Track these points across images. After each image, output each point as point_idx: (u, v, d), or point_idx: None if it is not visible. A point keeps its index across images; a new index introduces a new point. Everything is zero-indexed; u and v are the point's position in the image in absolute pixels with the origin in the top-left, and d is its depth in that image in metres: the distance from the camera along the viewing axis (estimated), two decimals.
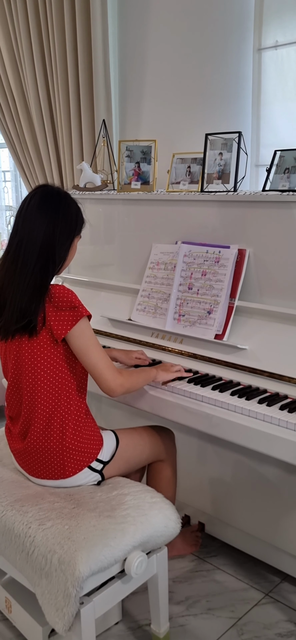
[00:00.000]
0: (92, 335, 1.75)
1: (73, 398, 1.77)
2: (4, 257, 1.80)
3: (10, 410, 1.86)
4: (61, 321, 1.69)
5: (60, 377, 1.75)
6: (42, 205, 1.75)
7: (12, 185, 4.50)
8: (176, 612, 2.01)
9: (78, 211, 1.84)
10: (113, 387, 1.76)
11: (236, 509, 2.25)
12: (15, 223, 1.79)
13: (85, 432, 1.79)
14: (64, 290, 1.72)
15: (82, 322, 1.71)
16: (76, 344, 1.72)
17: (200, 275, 2.21)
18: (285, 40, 2.46)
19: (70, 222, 1.80)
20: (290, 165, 2.10)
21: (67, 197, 1.82)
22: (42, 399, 1.74)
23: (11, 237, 1.79)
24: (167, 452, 2.04)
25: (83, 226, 1.87)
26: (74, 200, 1.84)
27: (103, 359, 1.75)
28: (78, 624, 1.50)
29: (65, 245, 1.78)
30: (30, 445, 1.77)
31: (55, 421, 1.74)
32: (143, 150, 2.61)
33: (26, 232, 1.73)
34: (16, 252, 1.74)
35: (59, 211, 1.76)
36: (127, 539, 1.58)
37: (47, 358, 1.73)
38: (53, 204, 1.77)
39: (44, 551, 1.53)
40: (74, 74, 3.13)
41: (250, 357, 1.98)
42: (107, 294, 2.59)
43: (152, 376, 1.92)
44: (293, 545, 2.07)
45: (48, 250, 1.73)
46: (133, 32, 2.99)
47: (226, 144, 2.31)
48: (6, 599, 1.85)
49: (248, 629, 1.93)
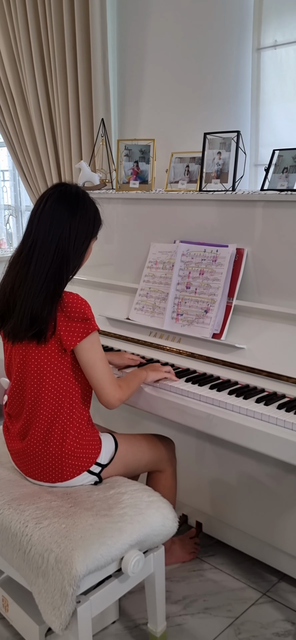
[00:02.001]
0: (100, 350, 1.72)
1: (76, 406, 1.76)
2: (16, 256, 1.75)
3: (10, 408, 1.85)
4: (71, 332, 1.66)
5: (65, 385, 1.73)
6: (58, 207, 1.69)
7: (10, 184, 4.50)
8: (173, 611, 2.00)
9: (96, 212, 1.79)
10: (112, 402, 1.75)
11: (233, 508, 2.24)
12: (29, 222, 1.73)
13: (86, 440, 1.77)
14: (78, 300, 1.68)
15: (92, 335, 1.68)
16: (84, 356, 1.69)
17: (198, 274, 2.21)
18: (284, 39, 2.46)
19: (88, 225, 1.74)
20: (288, 164, 2.10)
21: (85, 198, 1.76)
22: (45, 404, 1.72)
23: (25, 237, 1.73)
24: (167, 462, 2.03)
25: (100, 227, 1.82)
26: (93, 201, 1.78)
27: (107, 374, 1.73)
28: (75, 622, 1.50)
29: (80, 250, 1.73)
30: (29, 448, 1.76)
31: (56, 427, 1.73)
32: (141, 150, 2.61)
33: (41, 234, 1.68)
34: (29, 254, 1.69)
35: (77, 213, 1.71)
36: (124, 537, 1.58)
37: (54, 366, 1.70)
38: (70, 206, 1.70)
39: (40, 550, 1.52)
40: (72, 73, 3.13)
41: (248, 357, 1.98)
42: (105, 293, 2.59)
43: (143, 378, 1.92)
44: (290, 544, 2.07)
45: (63, 255, 1.68)
46: (132, 31, 2.99)
47: (225, 143, 2.31)
48: (3, 598, 1.85)
49: (246, 628, 1.93)
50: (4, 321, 1.75)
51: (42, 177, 3.52)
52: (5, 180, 4.58)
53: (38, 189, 3.58)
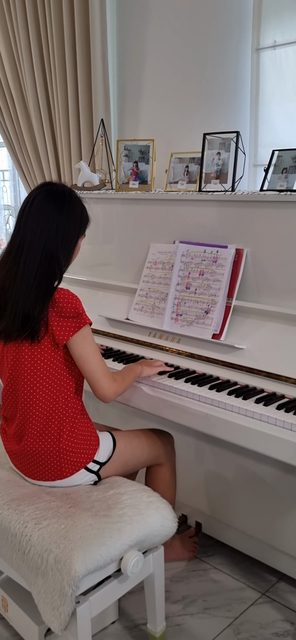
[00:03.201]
0: (93, 343, 1.74)
1: (70, 399, 1.77)
2: (5, 256, 1.75)
3: (5, 410, 1.85)
4: (63, 327, 1.67)
5: (59, 380, 1.74)
6: (45, 205, 1.71)
7: (10, 184, 4.50)
8: (172, 611, 2.01)
9: (83, 210, 1.80)
10: (108, 394, 1.76)
11: (233, 509, 2.25)
12: (17, 222, 1.74)
13: (81, 432, 1.78)
14: (69, 296, 1.69)
15: (84, 329, 1.70)
16: (77, 350, 1.71)
17: (198, 274, 2.21)
18: (284, 40, 2.46)
19: (75, 222, 1.76)
20: (287, 165, 2.10)
21: (71, 196, 1.77)
22: (40, 400, 1.73)
23: (13, 237, 1.74)
24: (166, 456, 2.03)
25: (88, 225, 1.83)
26: (79, 199, 1.80)
27: (101, 366, 1.74)
28: (74, 623, 1.50)
29: (68, 248, 1.75)
30: (26, 448, 1.76)
31: (52, 423, 1.74)
32: (141, 150, 2.61)
33: (28, 232, 1.69)
34: (18, 253, 1.70)
35: (63, 211, 1.72)
36: (124, 538, 1.58)
37: (48, 362, 1.72)
38: (57, 204, 1.72)
39: (40, 550, 1.53)
40: (72, 73, 3.13)
41: (247, 357, 1.98)
42: (104, 294, 2.59)
43: (138, 373, 1.94)
44: (289, 544, 2.07)
45: (51, 253, 1.69)
46: (132, 31, 2.99)
47: (225, 143, 2.31)
48: (2, 598, 1.85)
49: (245, 628, 1.93)
50: None
51: (41, 177, 3.52)
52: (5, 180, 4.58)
53: None
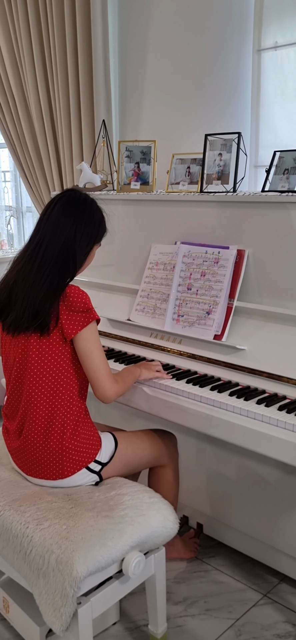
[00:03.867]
0: (98, 340, 1.76)
1: (74, 398, 1.78)
2: (22, 254, 1.82)
3: (7, 407, 1.86)
4: (72, 321, 1.70)
5: (64, 377, 1.75)
6: (67, 209, 1.78)
7: (11, 185, 4.50)
8: (174, 612, 2.00)
9: (102, 220, 1.86)
10: (108, 394, 1.78)
11: (234, 510, 2.24)
12: (38, 222, 1.81)
13: (84, 432, 1.79)
14: (79, 292, 1.74)
15: (91, 325, 1.73)
16: (82, 345, 1.73)
17: (199, 275, 2.21)
18: (285, 41, 2.46)
19: (92, 228, 1.82)
20: (289, 166, 2.10)
21: (92, 204, 1.85)
22: (45, 395, 1.74)
23: (32, 236, 1.81)
24: (169, 457, 2.04)
25: (104, 235, 1.89)
26: (100, 208, 1.87)
27: (104, 365, 1.76)
28: (75, 624, 1.50)
29: (84, 250, 1.80)
30: (27, 443, 1.76)
31: (57, 420, 1.74)
32: (142, 151, 2.61)
33: (48, 232, 1.76)
34: (35, 251, 1.76)
35: (83, 216, 1.79)
36: (125, 539, 1.58)
37: (55, 356, 1.74)
38: (78, 209, 1.79)
39: (41, 551, 1.53)
40: (74, 74, 3.13)
41: (248, 358, 1.98)
42: (106, 294, 2.59)
43: (137, 375, 1.95)
44: (291, 546, 2.06)
45: (68, 252, 1.75)
46: (134, 32, 2.99)
47: (226, 144, 2.31)
48: (4, 599, 1.85)
49: (246, 629, 1.93)
50: (4, 315, 1.79)
51: (43, 178, 3.52)
52: (7, 181, 4.58)
53: (39, 190, 3.59)
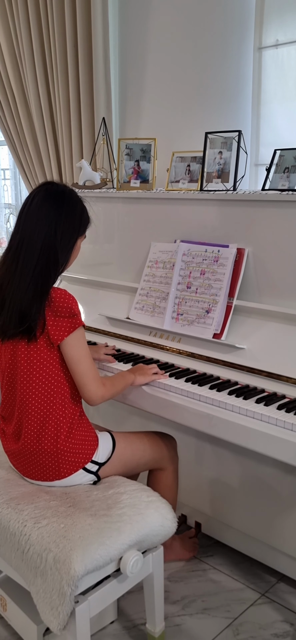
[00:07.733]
0: (85, 345, 1.74)
1: (67, 401, 1.76)
2: (5, 254, 1.77)
3: (4, 410, 1.85)
4: (58, 327, 1.67)
5: (55, 381, 1.73)
6: (44, 204, 1.72)
7: (11, 183, 4.49)
8: (172, 611, 2.00)
9: (83, 211, 1.80)
10: (94, 398, 1.76)
11: (233, 509, 2.24)
12: (17, 220, 1.76)
13: (79, 434, 1.77)
14: (65, 296, 1.69)
15: (78, 331, 1.70)
16: (69, 351, 1.70)
17: (199, 274, 2.20)
18: (286, 39, 2.46)
19: (73, 223, 1.76)
20: (289, 164, 2.09)
21: (71, 196, 1.78)
22: (36, 400, 1.73)
23: (13, 235, 1.76)
24: (169, 460, 2.02)
25: (88, 226, 1.84)
26: (80, 199, 1.80)
27: (92, 370, 1.74)
28: (73, 622, 1.50)
29: (67, 247, 1.75)
30: (24, 447, 1.75)
31: (49, 424, 1.73)
32: (142, 149, 2.60)
33: (27, 231, 1.71)
34: (17, 252, 1.71)
35: (62, 211, 1.72)
36: (123, 537, 1.57)
37: (43, 361, 1.71)
38: (56, 203, 1.73)
39: (39, 550, 1.52)
40: (74, 72, 3.12)
41: (248, 357, 1.97)
42: (105, 293, 2.58)
43: (130, 382, 1.91)
44: (289, 545, 2.06)
45: (49, 252, 1.70)
46: (134, 30, 2.98)
47: (226, 142, 2.30)
48: (1, 598, 1.85)
49: (244, 629, 1.93)
50: None
51: (42, 175, 3.52)
52: (6, 179, 4.57)
53: None
